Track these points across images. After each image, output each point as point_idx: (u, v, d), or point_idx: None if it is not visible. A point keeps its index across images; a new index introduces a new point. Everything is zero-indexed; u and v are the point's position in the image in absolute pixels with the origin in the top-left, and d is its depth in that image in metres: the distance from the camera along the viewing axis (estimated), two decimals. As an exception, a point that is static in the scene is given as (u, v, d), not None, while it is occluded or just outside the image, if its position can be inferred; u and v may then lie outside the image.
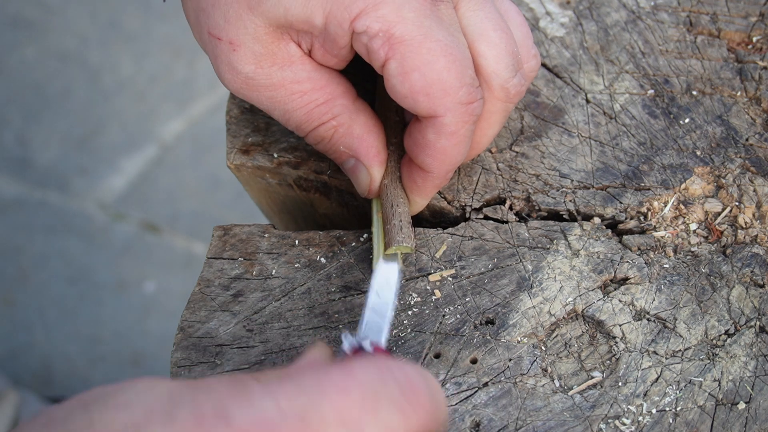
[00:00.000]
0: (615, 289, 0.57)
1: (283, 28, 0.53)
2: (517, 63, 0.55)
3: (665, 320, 0.55)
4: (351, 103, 0.57)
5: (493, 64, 0.54)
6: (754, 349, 0.53)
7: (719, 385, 0.52)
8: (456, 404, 0.52)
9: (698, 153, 0.62)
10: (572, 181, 0.61)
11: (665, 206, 0.60)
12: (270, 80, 0.56)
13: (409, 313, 0.56)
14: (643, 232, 0.59)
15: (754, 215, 0.59)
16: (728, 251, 0.58)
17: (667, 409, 0.51)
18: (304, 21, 0.52)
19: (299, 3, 0.52)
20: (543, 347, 0.55)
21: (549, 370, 0.54)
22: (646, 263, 0.57)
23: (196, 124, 2.05)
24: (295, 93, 0.56)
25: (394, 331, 0.55)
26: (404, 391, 0.39)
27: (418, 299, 0.56)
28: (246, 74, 0.56)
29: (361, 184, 0.58)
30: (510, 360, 0.54)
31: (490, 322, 0.55)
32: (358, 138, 0.57)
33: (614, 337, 0.54)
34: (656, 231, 0.59)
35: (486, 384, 0.53)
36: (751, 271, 0.57)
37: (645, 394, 0.52)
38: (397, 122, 0.60)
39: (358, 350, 0.44)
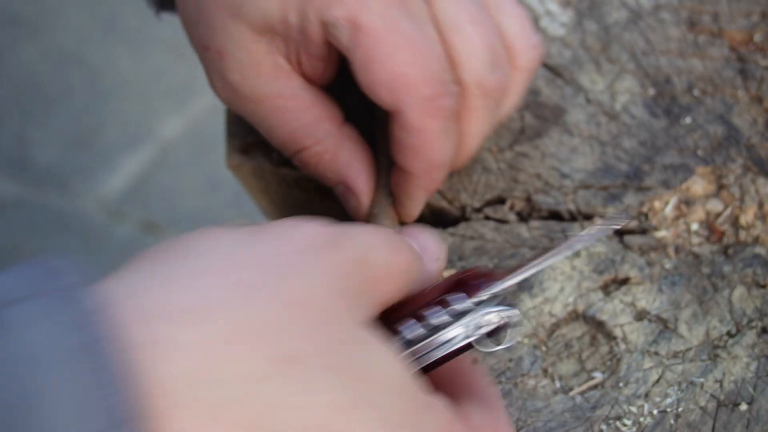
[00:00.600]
0: (616, 290, 0.56)
1: (265, 31, 0.52)
2: (497, 57, 0.53)
3: (666, 321, 0.55)
4: (336, 128, 0.56)
5: (465, 58, 0.52)
6: (756, 350, 0.53)
7: (721, 386, 0.52)
8: (456, 405, 0.52)
9: (699, 153, 0.62)
10: (573, 180, 0.61)
11: (666, 206, 0.60)
12: (254, 93, 0.54)
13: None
14: (644, 232, 0.59)
15: (755, 215, 0.59)
16: (730, 251, 0.57)
17: (669, 410, 0.51)
18: (281, 20, 0.51)
19: (276, 4, 0.51)
20: (544, 348, 0.54)
21: (550, 370, 0.54)
22: (647, 263, 0.57)
23: (196, 124, 2.05)
24: (278, 109, 0.55)
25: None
26: None
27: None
28: (232, 84, 0.54)
29: (351, 209, 0.57)
30: (510, 360, 0.53)
31: (491, 322, 0.55)
32: (345, 165, 0.55)
33: (615, 338, 0.54)
34: (657, 231, 0.59)
35: (486, 385, 0.52)
36: (753, 272, 0.56)
37: (646, 395, 0.52)
38: (386, 140, 0.59)
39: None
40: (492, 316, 0.38)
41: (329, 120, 0.56)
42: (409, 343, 0.39)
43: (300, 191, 0.66)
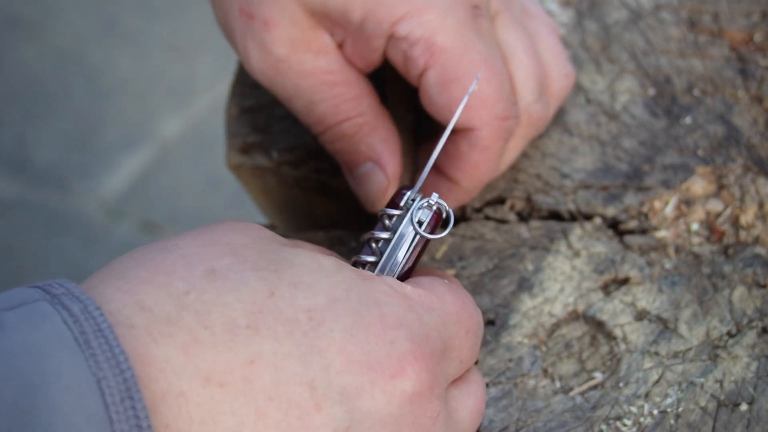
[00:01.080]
0: (616, 290, 0.56)
1: (320, 15, 0.52)
2: (542, 88, 0.54)
3: (666, 321, 0.55)
4: (377, 104, 0.56)
5: (519, 86, 0.53)
6: (756, 350, 0.53)
7: (721, 386, 0.52)
8: (456, 405, 0.52)
9: (700, 153, 0.62)
10: (573, 180, 0.61)
11: (666, 206, 0.60)
12: (302, 66, 0.53)
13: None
14: (644, 232, 0.59)
15: (755, 215, 0.59)
16: (730, 251, 0.57)
17: (669, 410, 0.51)
18: (341, 14, 0.51)
19: None
20: (544, 348, 0.54)
21: (550, 370, 0.54)
22: (647, 263, 0.57)
23: (196, 124, 2.05)
24: (326, 84, 0.54)
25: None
26: None
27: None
28: (278, 56, 0.53)
29: (376, 190, 0.56)
30: (510, 361, 0.53)
31: (491, 322, 0.55)
32: (383, 140, 0.55)
33: (615, 338, 0.54)
34: (657, 231, 0.59)
35: (486, 385, 0.52)
36: (753, 272, 0.56)
37: (646, 395, 0.52)
38: (410, 142, 0.59)
39: None
40: (424, 210, 0.44)
41: (371, 96, 0.56)
42: (374, 264, 0.44)
43: (300, 191, 0.66)
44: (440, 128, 0.51)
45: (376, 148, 0.55)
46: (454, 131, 0.52)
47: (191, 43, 2.16)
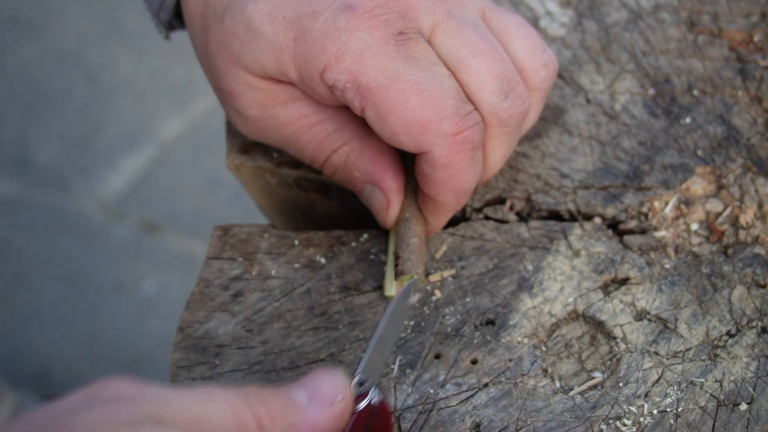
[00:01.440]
0: (616, 290, 0.56)
1: (267, 77, 0.54)
2: (507, 84, 0.53)
3: (666, 321, 0.55)
4: (360, 128, 0.57)
5: (476, 92, 0.52)
6: (755, 350, 0.53)
7: (721, 385, 0.52)
8: (456, 405, 0.52)
9: (699, 153, 0.62)
10: (573, 180, 0.61)
11: (666, 206, 0.60)
12: (277, 120, 0.56)
13: (410, 313, 0.56)
14: (643, 232, 0.59)
15: (755, 215, 0.59)
16: (729, 251, 0.57)
17: (669, 409, 0.51)
18: (281, 74, 0.53)
19: (272, 60, 0.52)
20: (543, 348, 0.54)
21: (549, 370, 0.54)
22: (647, 263, 0.57)
23: (196, 124, 2.05)
24: (304, 127, 0.56)
25: (394, 332, 0.55)
26: None
27: (419, 299, 0.56)
28: (253, 118, 0.56)
29: (378, 209, 0.57)
30: (510, 360, 0.53)
31: (491, 322, 0.55)
32: (371, 161, 0.57)
33: (615, 338, 0.54)
34: (657, 231, 0.59)
35: (486, 384, 0.52)
36: (753, 272, 0.56)
37: (646, 395, 0.52)
38: None
39: (361, 397, 0.45)
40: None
41: (352, 122, 0.57)
42: None
43: (300, 191, 0.66)
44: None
45: (367, 170, 0.57)
46: (415, 153, 0.53)
47: (191, 43, 2.16)
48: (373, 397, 0.45)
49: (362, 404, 0.45)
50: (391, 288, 0.56)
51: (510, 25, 0.56)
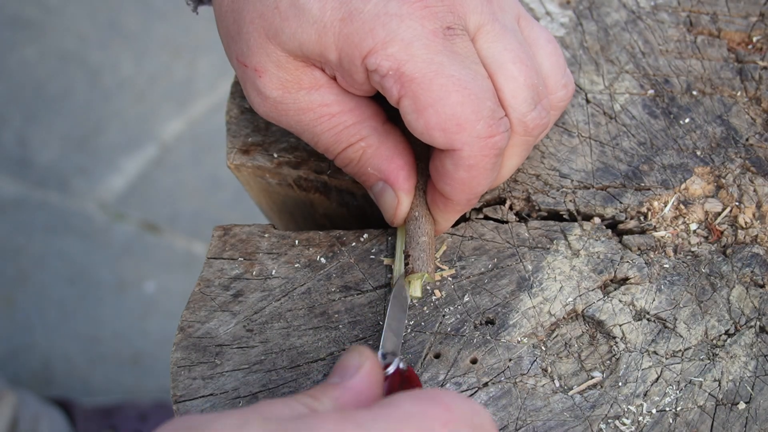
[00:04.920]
0: (615, 289, 0.57)
1: (301, 58, 0.53)
2: (537, 95, 0.54)
3: (665, 320, 0.55)
4: (380, 125, 0.57)
5: (510, 98, 0.53)
6: (754, 349, 0.53)
7: (719, 385, 0.52)
8: (456, 404, 0.52)
9: (698, 153, 0.62)
10: (572, 181, 0.61)
11: (665, 206, 0.60)
12: (297, 104, 0.55)
13: (410, 313, 0.56)
14: (643, 232, 0.59)
15: (754, 215, 0.59)
16: (728, 251, 0.58)
17: (667, 409, 0.51)
18: (318, 55, 0.52)
19: (313, 39, 0.51)
20: (543, 347, 0.55)
21: (549, 370, 0.54)
22: (646, 263, 0.57)
23: (196, 124, 2.05)
24: (324, 116, 0.56)
25: (394, 331, 0.55)
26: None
27: (419, 299, 0.56)
28: (274, 99, 0.55)
29: (388, 208, 0.57)
30: (510, 360, 0.54)
31: (490, 322, 0.55)
32: (387, 159, 0.56)
33: (614, 337, 0.54)
34: (656, 231, 0.59)
35: (486, 384, 0.53)
36: (752, 271, 0.57)
37: (645, 394, 0.52)
38: (425, 146, 0.59)
39: (388, 366, 0.49)
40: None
41: (372, 118, 0.57)
42: None
43: (300, 191, 0.66)
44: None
45: (382, 168, 0.56)
46: (440, 150, 0.53)
47: (191, 43, 2.16)
48: (398, 364, 0.49)
49: (391, 369, 0.49)
50: (412, 288, 0.56)
51: (540, 38, 0.56)
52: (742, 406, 0.51)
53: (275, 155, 0.64)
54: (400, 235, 0.59)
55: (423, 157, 0.58)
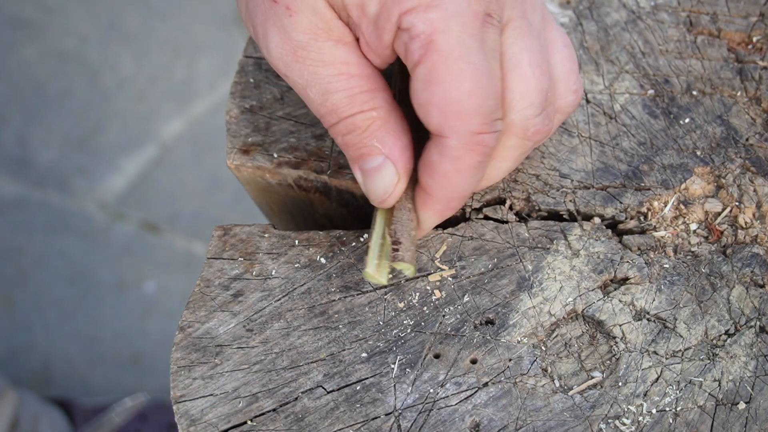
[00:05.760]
0: (615, 289, 0.57)
1: (339, 7, 0.52)
2: (545, 102, 0.53)
3: (665, 320, 0.55)
4: (391, 101, 0.56)
5: (517, 98, 0.53)
6: (754, 349, 0.53)
7: (719, 385, 0.52)
8: (456, 404, 0.52)
9: (698, 153, 0.62)
10: (572, 181, 0.61)
11: (665, 206, 0.60)
12: (321, 55, 0.54)
13: (410, 312, 0.56)
14: (643, 232, 0.59)
15: (754, 215, 0.59)
16: (728, 251, 0.58)
17: (667, 409, 0.51)
18: (358, 6, 0.51)
19: None
20: (543, 347, 0.55)
21: (549, 370, 0.54)
22: (646, 263, 0.57)
23: (196, 124, 2.05)
24: (343, 74, 0.54)
25: (394, 331, 0.55)
26: None
27: (418, 299, 0.56)
28: (298, 42, 0.53)
29: (386, 185, 0.55)
30: (510, 360, 0.54)
31: (490, 322, 0.55)
32: (395, 136, 0.55)
33: (614, 337, 0.54)
34: (656, 231, 0.59)
35: (486, 384, 0.53)
36: (752, 271, 0.57)
37: (645, 394, 0.52)
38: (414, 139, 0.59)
39: None
40: None
41: (386, 91, 0.56)
42: None
43: (300, 191, 0.66)
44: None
45: (388, 143, 0.55)
46: (432, 143, 0.52)
47: (191, 43, 2.16)
48: None
49: None
50: (382, 273, 0.54)
51: (557, 41, 0.56)
52: (742, 406, 0.51)
53: (275, 155, 0.64)
54: (382, 215, 0.57)
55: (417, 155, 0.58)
